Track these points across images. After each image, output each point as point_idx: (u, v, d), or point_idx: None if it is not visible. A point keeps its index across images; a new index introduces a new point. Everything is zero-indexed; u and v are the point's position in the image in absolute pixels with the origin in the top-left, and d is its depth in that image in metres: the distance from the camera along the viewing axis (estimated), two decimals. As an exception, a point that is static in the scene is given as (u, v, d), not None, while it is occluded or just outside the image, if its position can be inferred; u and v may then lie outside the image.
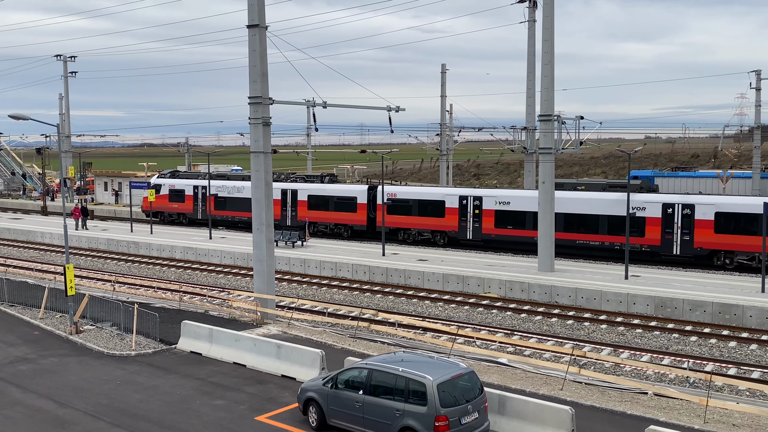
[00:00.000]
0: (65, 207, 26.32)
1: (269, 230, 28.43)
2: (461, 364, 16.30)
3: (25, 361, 22.83)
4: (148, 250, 46.81)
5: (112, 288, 33.23)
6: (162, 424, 17.52)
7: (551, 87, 34.96)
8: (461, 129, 69.32)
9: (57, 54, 78.55)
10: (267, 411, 18.23)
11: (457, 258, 40.68)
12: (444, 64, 72.76)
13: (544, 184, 35.68)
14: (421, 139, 79.99)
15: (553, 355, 24.87)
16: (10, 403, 19.06)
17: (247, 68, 27.57)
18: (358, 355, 22.11)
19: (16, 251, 50.27)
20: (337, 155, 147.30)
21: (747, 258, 36.90)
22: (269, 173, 28.28)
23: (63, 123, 79.59)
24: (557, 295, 32.47)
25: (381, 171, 46.17)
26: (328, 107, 31.63)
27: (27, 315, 28.82)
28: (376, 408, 15.73)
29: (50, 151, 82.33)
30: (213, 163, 78.76)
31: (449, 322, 29.54)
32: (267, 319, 27.55)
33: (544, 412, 15.89)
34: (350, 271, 38.39)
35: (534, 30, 51.62)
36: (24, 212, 71.42)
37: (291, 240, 45.04)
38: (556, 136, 36.14)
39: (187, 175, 60.62)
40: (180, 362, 22.57)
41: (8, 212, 71.26)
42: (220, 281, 39.11)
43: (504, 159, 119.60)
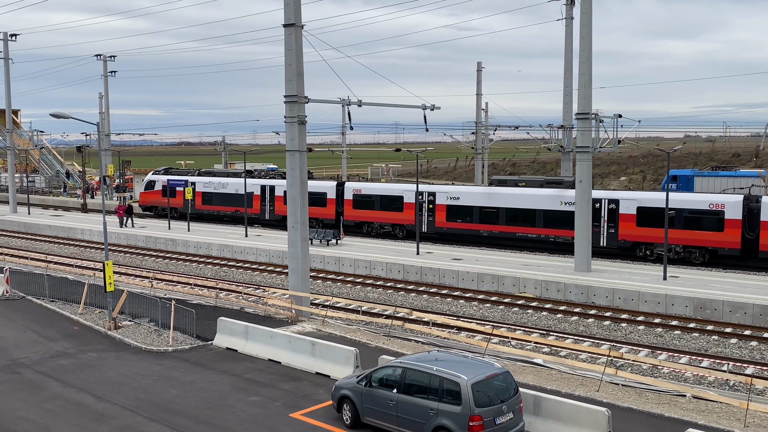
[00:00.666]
0: (105, 204, 26.74)
1: (304, 228, 28.56)
2: (496, 364, 16.20)
3: (65, 356, 23.25)
4: (185, 247, 47.36)
5: (150, 284, 33.69)
6: (198, 419, 17.71)
7: (589, 85, 34.57)
8: (497, 127, 68.92)
9: (97, 54, 79.84)
10: (301, 408, 18.31)
11: (491, 257, 40.46)
12: (480, 62, 72.41)
13: (581, 183, 35.31)
14: (456, 137, 79.65)
15: (589, 356, 24.59)
16: (51, 397, 19.43)
17: (283, 67, 27.73)
18: (392, 353, 22.10)
19: (56, 248, 51.23)
20: (372, 154, 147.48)
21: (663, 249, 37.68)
22: (304, 172, 28.40)
23: (103, 122, 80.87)
24: (594, 296, 32.11)
25: (416, 170, 46.12)
26: (363, 106, 31.70)
27: (67, 310, 29.35)
28: (410, 407, 15.71)
29: (90, 150, 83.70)
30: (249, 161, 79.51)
31: (484, 321, 29.39)
32: (302, 317, 27.69)
33: (579, 414, 15.71)
34: (384, 269, 38.41)
35: (571, 27, 51.11)
36: (64, 209, 72.76)
37: (326, 238, 45.22)
38: (594, 135, 35.74)
39: (179, 172, 63.64)
40: (216, 358, 22.79)
41: (49, 209, 72.67)
42: (255, 278, 39.41)
43: (540, 158, 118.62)
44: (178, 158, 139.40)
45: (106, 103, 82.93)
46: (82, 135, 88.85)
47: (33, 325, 27.27)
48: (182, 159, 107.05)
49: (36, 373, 21.51)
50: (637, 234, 39.90)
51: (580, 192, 35.34)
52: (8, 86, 66.62)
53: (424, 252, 41.96)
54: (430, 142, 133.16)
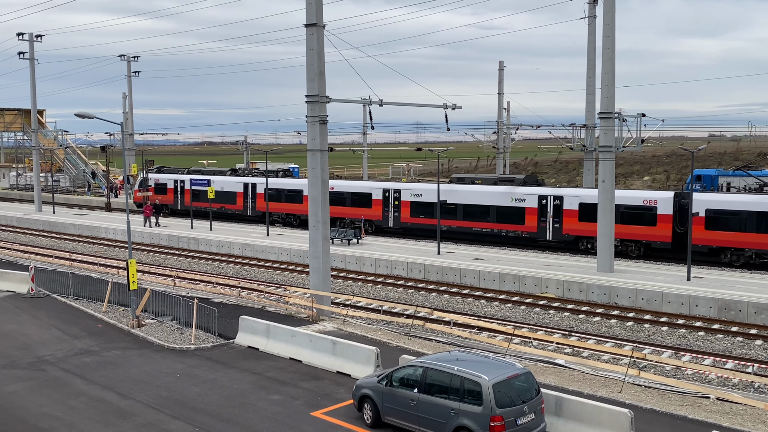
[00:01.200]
0: (128, 203, 26.99)
1: (325, 228, 28.63)
2: (517, 365, 16.13)
3: (89, 353, 23.50)
4: (208, 246, 47.67)
5: (173, 283, 33.93)
6: (220, 417, 17.81)
7: (612, 84, 34.32)
8: (519, 126, 68.71)
9: (121, 54, 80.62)
10: (322, 407, 18.36)
11: (513, 257, 40.31)
12: (501, 61, 72.22)
13: (603, 183, 35.06)
14: (477, 137, 79.47)
15: (611, 357, 24.41)
16: (75, 394, 19.64)
17: (304, 67, 27.81)
18: (413, 353, 22.09)
19: (81, 246, 51.78)
20: (393, 153, 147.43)
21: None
22: (326, 171, 28.47)
23: (126, 121, 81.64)
24: (616, 296, 31.87)
25: (437, 169, 46.03)
26: (384, 105, 31.72)
27: (91, 308, 29.65)
28: (431, 406, 15.69)
29: (114, 149, 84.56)
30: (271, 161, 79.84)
31: (505, 321, 29.28)
32: (322, 316, 27.76)
33: (602, 415, 15.60)
34: (405, 269, 38.40)
35: (594, 26, 50.80)
36: (89, 208, 73.52)
37: (346, 238, 45.30)
38: (617, 134, 35.50)
39: (170, 171, 66.63)
40: (238, 357, 22.92)
41: (74, 208, 73.46)
42: (276, 277, 39.57)
43: (563, 157, 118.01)
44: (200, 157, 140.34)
45: (129, 103, 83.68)
46: (106, 135, 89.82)
47: (58, 322, 27.59)
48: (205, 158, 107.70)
49: (60, 370, 21.76)
50: (579, 228, 42.24)
51: (602, 192, 35.09)
52: (34, 86, 67.45)
53: (445, 252, 41.89)
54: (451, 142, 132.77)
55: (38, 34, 65.63)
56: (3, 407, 18.66)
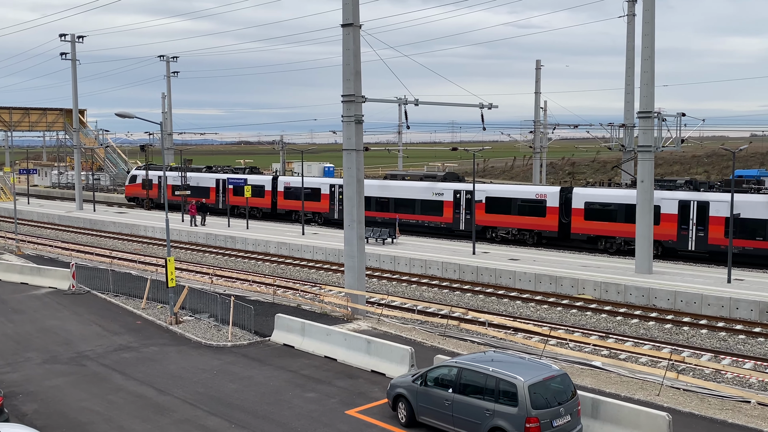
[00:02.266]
0: (167, 202, 27.35)
1: (360, 227, 28.70)
2: (553, 366, 16.01)
3: (128, 349, 23.88)
4: (244, 244, 48.11)
5: (210, 281, 34.32)
6: (256, 414, 17.98)
7: (651, 83, 33.85)
8: (556, 126, 68.11)
9: (160, 54, 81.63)
10: (357, 405, 18.42)
11: (549, 258, 39.99)
12: (539, 60, 71.66)
13: (642, 183, 34.59)
14: (514, 136, 78.97)
15: (649, 360, 24.08)
16: (114, 389, 19.98)
17: (340, 67, 27.92)
18: (448, 353, 22.05)
19: (120, 244, 52.62)
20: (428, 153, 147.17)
21: (504, 233, 46.33)
22: (361, 170, 28.55)
23: (165, 121, 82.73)
24: (655, 298, 31.44)
25: (472, 169, 45.88)
26: (419, 105, 31.69)
27: (130, 305, 30.12)
28: (466, 407, 15.65)
29: (153, 148, 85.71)
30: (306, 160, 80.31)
31: (541, 323, 29.08)
32: (357, 315, 27.84)
33: (639, 418, 15.41)
34: (440, 269, 38.33)
35: (633, 24, 50.20)
36: (128, 206, 74.66)
37: (381, 237, 45.37)
38: (656, 134, 35.02)
39: (155, 168, 71.32)
40: (273, 354, 23.10)
41: (114, 206, 74.67)
42: (311, 276, 39.78)
43: (600, 157, 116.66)
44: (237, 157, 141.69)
45: (168, 103, 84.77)
46: (145, 134, 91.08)
47: (98, 318, 28.08)
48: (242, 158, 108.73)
49: (100, 365, 22.15)
50: (486, 219, 46.68)
51: (641, 192, 34.63)
52: (75, 87, 68.72)
53: (480, 252, 41.73)
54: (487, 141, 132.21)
55: (80, 35, 66.85)
56: (45, 401, 19.07)
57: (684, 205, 39.49)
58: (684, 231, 39.39)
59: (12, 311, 29.29)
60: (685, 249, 39.67)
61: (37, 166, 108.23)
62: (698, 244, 38.85)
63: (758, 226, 36.76)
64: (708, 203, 38.54)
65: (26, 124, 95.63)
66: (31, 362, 22.52)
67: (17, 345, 24.48)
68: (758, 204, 36.83)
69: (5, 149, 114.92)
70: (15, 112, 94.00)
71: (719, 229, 37.95)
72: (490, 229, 46.74)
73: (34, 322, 27.56)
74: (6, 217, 68.12)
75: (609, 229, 41.82)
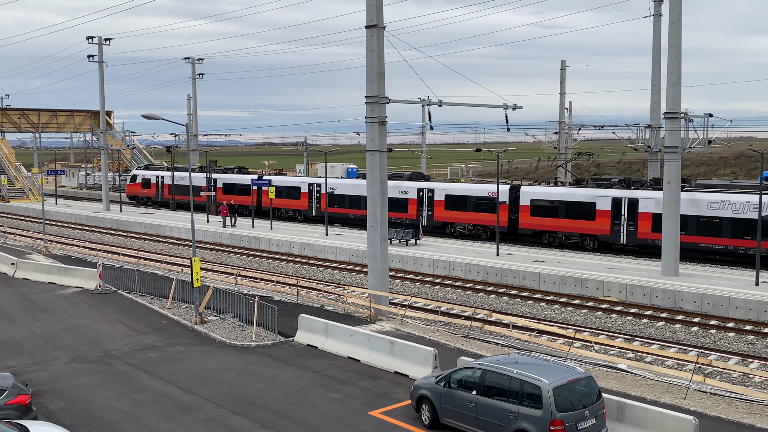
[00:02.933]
0: (192, 202, 27.56)
1: (383, 228, 28.72)
2: (578, 368, 15.90)
3: (153, 349, 24.10)
4: (268, 245, 48.34)
5: (235, 281, 34.53)
6: (280, 414, 18.05)
7: (678, 83, 33.50)
8: (581, 127, 67.57)
9: (186, 57, 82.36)
10: (380, 406, 18.43)
11: (574, 260, 39.72)
12: (563, 60, 71.25)
13: (669, 185, 34.24)
14: (538, 137, 78.55)
15: (675, 363, 23.83)
16: (140, 388, 20.17)
17: (364, 68, 27.97)
18: (471, 355, 21.98)
19: (146, 244, 53.12)
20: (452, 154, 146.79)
21: (462, 228, 49.51)
22: (384, 171, 28.57)
23: (191, 123, 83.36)
24: (681, 301, 31.10)
25: (496, 170, 45.72)
26: (443, 106, 31.64)
27: (156, 305, 30.40)
28: (490, 409, 15.59)
29: (179, 150, 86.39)
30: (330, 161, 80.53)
31: (566, 325, 28.89)
32: (380, 316, 27.85)
33: (665, 421, 15.26)
34: (463, 270, 38.22)
35: (660, 24, 49.70)
36: (154, 207, 75.33)
37: (404, 238, 45.35)
38: (683, 135, 34.67)
39: (155, 168, 77.32)
40: (297, 354, 23.18)
41: (140, 207, 75.37)
42: (335, 277, 39.86)
43: (626, 158, 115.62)
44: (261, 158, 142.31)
45: (194, 105, 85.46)
46: (171, 135, 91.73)
47: (124, 318, 28.37)
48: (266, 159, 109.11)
49: (126, 364, 22.38)
50: (445, 216, 49.97)
51: (668, 194, 34.28)
52: (102, 88, 69.51)
53: (504, 253, 41.56)
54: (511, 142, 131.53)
55: (107, 38, 67.62)
56: (72, 399, 19.30)
57: (616, 202, 42.06)
58: (616, 226, 42.03)
59: (40, 310, 29.69)
60: (618, 243, 42.32)
61: (64, 167, 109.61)
62: (629, 238, 41.38)
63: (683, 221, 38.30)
64: (637, 200, 41.09)
65: (54, 126, 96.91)
66: (58, 361, 22.81)
67: (45, 344, 24.81)
68: (684, 201, 38.19)
69: (33, 150, 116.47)
70: (43, 113, 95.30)
71: (647, 224, 40.58)
72: (449, 224, 50.03)
73: (62, 321, 27.92)
74: (34, 217, 69.07)
75: (551, 224, 44.92)
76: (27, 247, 48.26)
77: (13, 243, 50.70)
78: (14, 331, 26.57)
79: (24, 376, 21.04)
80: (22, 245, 49.54)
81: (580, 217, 43.32)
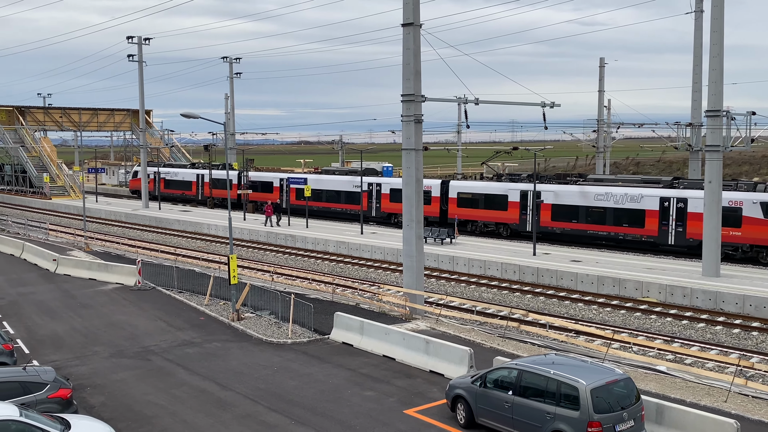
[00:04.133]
0: (230, 200, 27.81)
1: (419, 227, 28.65)
2: (617, 370, 15.68)
3: (191, 345, 24.37)
4: (304, 243, 48.58)
5: (271, 278, 34.76)
6: (315, 411, 18.12)
7: (720, 81, 32.88)
8: (620, 125, 66.77)
9: (224, 56, 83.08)
10: (415, 405, 18.40)
11: (613, 260, 39.23)
12: (602, 57, 70.40)
13: (710, 184, 33.62)
14: (576, 135, 77.74)
15: (716, 365, 23.41)
16: (178, 384, 20.41)
17: (400, 66, 27.92)
18: (507, 355, 21.84)
19: (184, 241, 53.77)
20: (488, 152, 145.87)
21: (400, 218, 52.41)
22: (420, 170, 28.49)
23: (228, 121, 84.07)
24: (722, 302, 30.52)
25: (533, 169, 45.35)
26: (479, 104, 31.47)
27: (194, 301, 30.74)
28: (526, 409, 15.47)
29: (216, 148, 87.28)
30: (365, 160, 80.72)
31: (604, 326, 28.55)
32: (415, 315, 27.81)
33: (705, 424, 14.98)
34: (499, 269, 38.00)
35: (701, 21, 48.89)
36: (192, 205, 76.24)
37: (440, 237, 45.23)
38: (725, 133, 34.02)
39: (152, 165, 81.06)
40: (332, 352, 23.25)
41: (178, 205, 76.33)
42: (370, 275, 39.91)
43: (666, 157, 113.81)
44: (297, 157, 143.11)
45: (231, 104, 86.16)
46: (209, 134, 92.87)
47: (162, 314, 28.74)
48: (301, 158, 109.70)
49: (165, 360, 22.66)
50: (390, 207, 55.31)
51: (709, 194, 33.66)
52: (142, 88, 70.49)
53: (541, 253, 41.21)
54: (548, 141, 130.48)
55: (147, 38, 68.55)
56: (112, 394, 19.61)
57: (524, 195, 47.93)
58: (524, 216, 47.63)
59: (81, 306, 30.23)
60: (524, 230, 47.64)
61: (104, 166, 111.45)
62: (534, 225, 43.71)
63: (575, 212, 45.23)
64: (540, 192, 45.60)
65: (95, 125, 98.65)
66: (98, 356, 23.19)
67: (86, 339, 25.25)
68: (575, 193, 45.21)
69: (75, 149, 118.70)
70: (84, 112, 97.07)
71: (548, 214, 46.18)
72: (393, 215, 55.31)
73: (102, 317, 28.38)
74: (75, 214, 70.35)
75: (473, 214, 50.65)
76: (68, 244, 49.17)
77: (55, 240, 51.69)
78: (56, 326, 27.10)
79: (65, 370, 21.44)
80: (64, 242, 50.49)
81: (496, 208, 49.50)
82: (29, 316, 28.53)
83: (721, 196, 34.08)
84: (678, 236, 40.78)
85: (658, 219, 41.44)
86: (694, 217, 39.78)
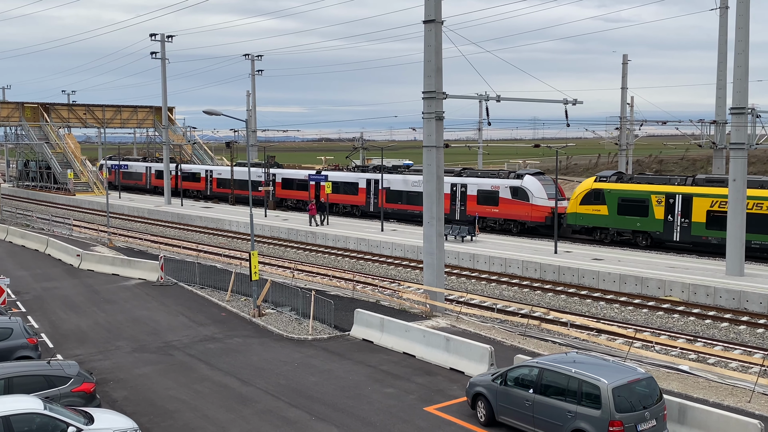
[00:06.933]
0: (251, 197, 27.94)
1: (439, 224, 28.60)
2: (639, 369, 15.57)
3: (213, 340, 24.53)
4: (324, 240, 48.71)
5: (292, 275, 34.90)
6: (335, 407, 18.17)
7: (745, 78, 32.48)
8: (643, 123, 66.18)
9: (245, 53, 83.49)
10: (435, 402, 18.39)
11: (635, 258, 38.94)
12: (626, 54, 69.77)
13: (735, 182, 33.24)
14: (598, 133, 77.20)
15: (740, 365, 23.17)
16: (200, 379, 20.56)
17: (421, 63, 27.87)
18: (528, 353, 21.76)
19: (206, 237, 54.11)
20: (509, 149, 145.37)
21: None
22: (441, 167, 28.43)
23: (250, 119, 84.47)
24: (746, 301, 30.19)
25: (555, 166, 45.10)
26: (501, 101, 31.31)
27: (215, 297, 30.94)
28: (547, 408, 15.41)
29: (238, 145, 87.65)
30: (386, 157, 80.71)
31: (626, 324, 28.35)
32: (435, 312, 27.79)
33: (729, 425, 14.83)
34: (520, 267, 37.84)
35: (726, 17, 48.30)
36: (214, 202, 76.69)
37: (460, 234, 45.15)
38: (750, 131, 33.57)
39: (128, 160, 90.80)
40: (353, 349, 23.30)
41: (200, 201, 76.84)
42: (390, 272, 39.93)
43: (689, 154, 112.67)
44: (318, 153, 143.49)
45: (253, 101, 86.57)
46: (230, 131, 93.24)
47: (184, 310, 28.96)
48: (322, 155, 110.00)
49: (186, 355, 22.84)
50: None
51: (733, 192, 33.28)
52: (164, 85, 70.98)
53: (562, 251, 41.00)
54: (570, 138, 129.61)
55: (169, 35, 69.02)
56: (134, 388, 19.79)
57: (368, 182, 58.04)
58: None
59: (104, 301, 30.54)
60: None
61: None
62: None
63: (402, 197, 55.72)
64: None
65: (118, 121, 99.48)
66: (121, 350, 23.42)
67: (109, 334, 25.51)
68: (398, 180, 55.95)
69: (98, 145, 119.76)
70: (108, 109, 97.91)
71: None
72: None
73: (125, 312, 28.66)
74: (99, 210, 71.04)
75: (337, 199, 60.58)
76: (92, 240, 49.69)
77: (79, 235, 52.24)
78: (79, 320, 27.40)
79: (88, 364, 21.68)
80: (87, 237, 51.01)
81: (350, 193, 59.81)
82: (53, 311, 28.88)
83: (746, 195, 33.69)
84: (461, 213, 51.43)
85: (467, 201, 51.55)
86: (473, 200, 50.87)
